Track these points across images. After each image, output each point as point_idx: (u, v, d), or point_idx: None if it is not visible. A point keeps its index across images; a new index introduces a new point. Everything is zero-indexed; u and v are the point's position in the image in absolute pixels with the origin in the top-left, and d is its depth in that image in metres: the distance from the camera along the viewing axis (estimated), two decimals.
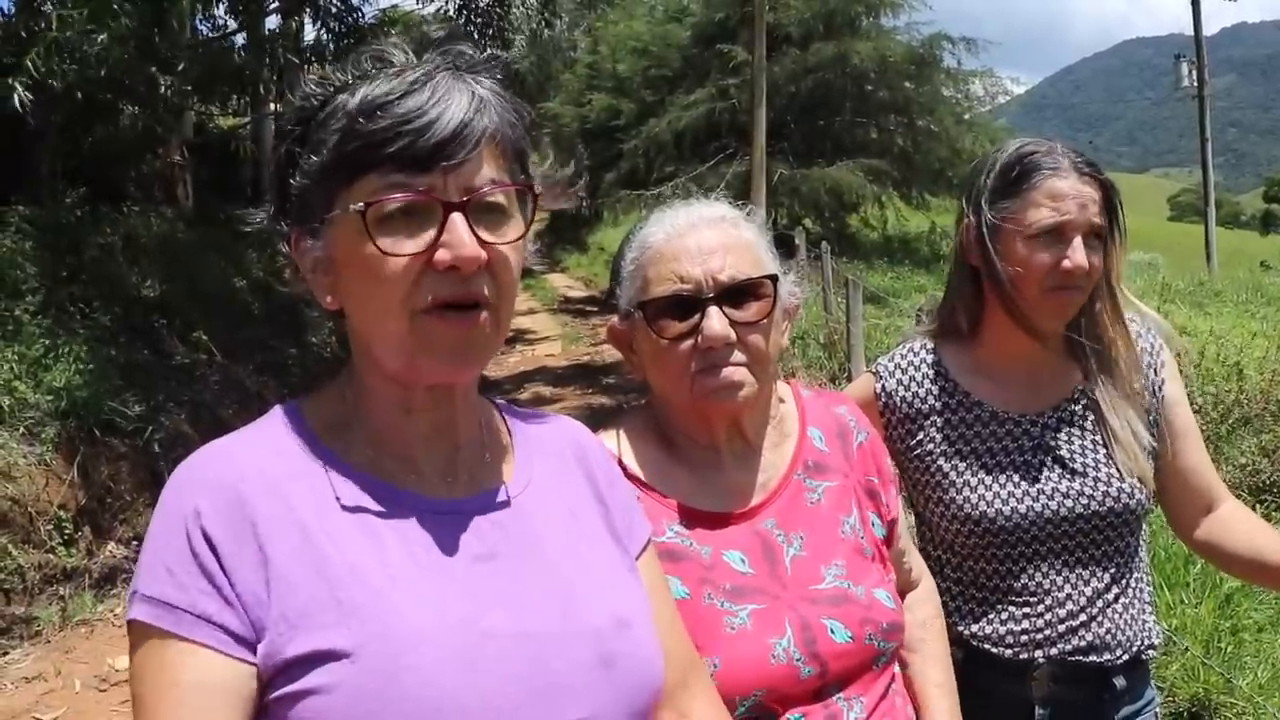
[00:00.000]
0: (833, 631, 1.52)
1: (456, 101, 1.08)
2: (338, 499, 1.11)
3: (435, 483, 1.18)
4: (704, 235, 1.57)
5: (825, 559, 1.59)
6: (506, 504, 1.21)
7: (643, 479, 1.61)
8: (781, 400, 1.73)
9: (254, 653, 1.03)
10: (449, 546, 1.13)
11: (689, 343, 1.54)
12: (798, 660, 1.49)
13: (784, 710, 1.48)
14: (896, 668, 1.66)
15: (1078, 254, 1.81)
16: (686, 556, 1.55)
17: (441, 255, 1.06)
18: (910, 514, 2.05)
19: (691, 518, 1.59)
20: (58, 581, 6.29)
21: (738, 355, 1.54)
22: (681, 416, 1.64)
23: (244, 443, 1.15)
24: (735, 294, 1.54)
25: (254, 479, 1.09)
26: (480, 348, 1.12)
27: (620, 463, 1.59)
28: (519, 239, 1.13)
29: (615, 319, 1.66)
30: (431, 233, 1.07)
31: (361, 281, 1.10)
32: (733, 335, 1.53)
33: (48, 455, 6.65)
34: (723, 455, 1.63)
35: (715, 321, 1.52)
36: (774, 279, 1.59)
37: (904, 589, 1.79)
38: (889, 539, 1.72)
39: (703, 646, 1.43)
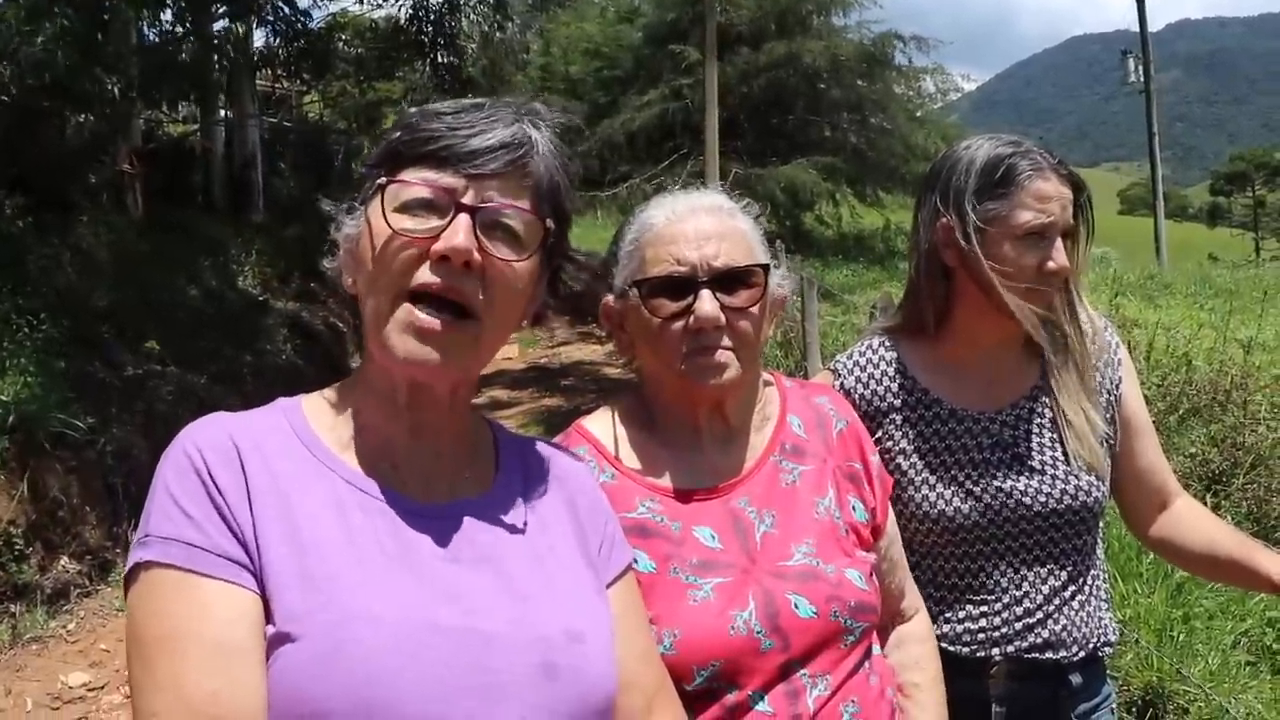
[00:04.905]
0: (796, 606, 1.53)
1: (504, 129, 1.20)
2: (318, 482, 1.18)
3: (415, 486, 1.24)
4: (702, 221, 1.62)
5: (796, 537, 1.61)
6: (479, 515, 1.25)
7: (622, 458, 1.65)
8: (767, 384, 1.77)
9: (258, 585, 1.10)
10: (415, 542, 1.18)
11: (680, 323, 1.58)
12: (759, 632, 1.50)
13: (746, 684, 1.49)
14: (877, 650, 1.67)
15: (1060, 255, 1.83)
16: (656, 532, 1.57)
17: (438, 245, 1.15)
18: None
19: (664, 493, 1.62)
20: (8, 599, 6.19)
21: (726, 339, 1.58)
22: (667, 395, 1.68)
23: (242, 418, 1.22)
24: (728, 280, 1.59)
25: (249, 446, 1.17)
26: (453, 353, 1.17)
27: (601, 444, 1.66)
28: (521, 262, 1.21)
29: (610, 297, 1.70)
30: (440, 224, 1.16)
31: (367, 254, 1.19)
32: (722, 319, 1.57)
33: None
34: (703, 436, 1.67)
35: (707, 304, 1.56)
36: (765, 268, 1.63)
37: (891, 615, 1.79)
38: (874, 529, 1.72)
39: (664, 618, 1.46)
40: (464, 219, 1.16)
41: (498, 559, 1.22)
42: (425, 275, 1.15)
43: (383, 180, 1.19)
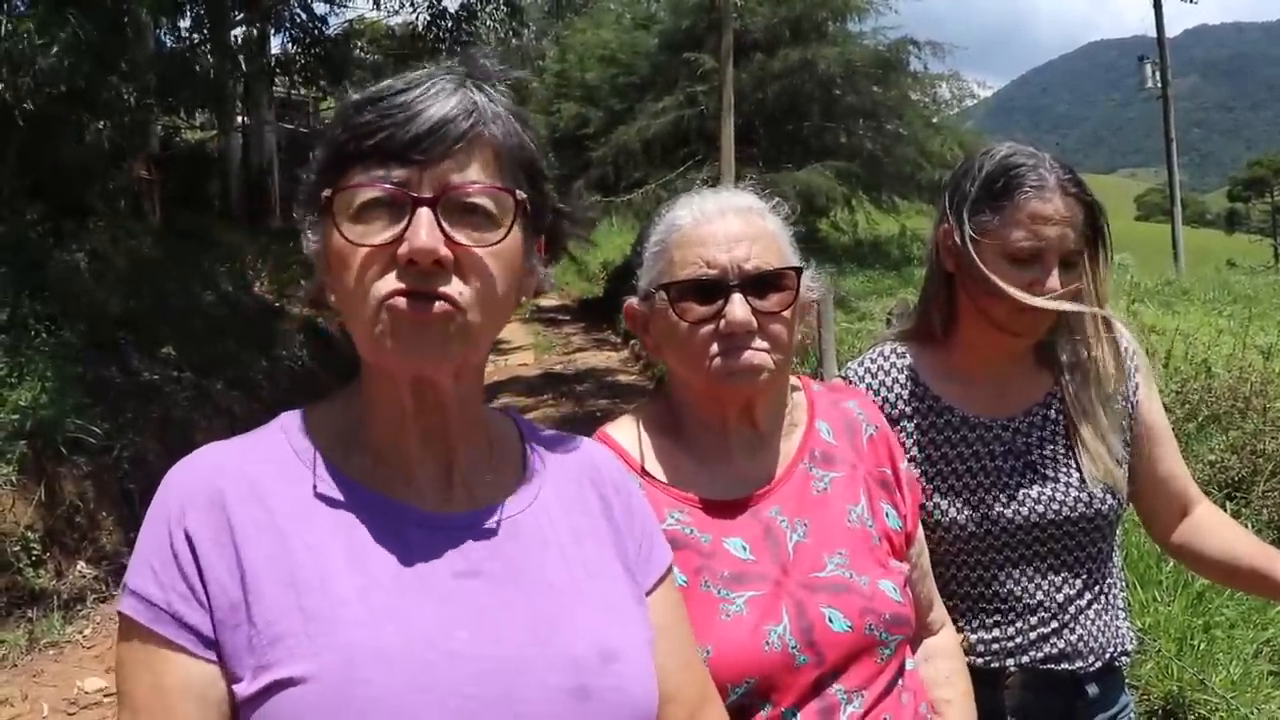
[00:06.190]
0: (831, 620, 1.50)
1: (445, 101, 1.08)
2: (322, 507, 1.11)
3: (430, 496, 1.16)
4: (731, 223, 1.58)
5: (829, 547, 1.58)
6: (503, 523, 1.18)
7: (647, 468, 1.61)
8: (794, 389, 1.74)
9: (219, 654, 1.05)
10: (432, 560, 1.11)
11: (710, 327, 1.55)
12: (793, 648, 1.48)
13: (780, 700, 1.46)
14: (910, 665, 1.64)
15: (1053, 280, 1.77)
16: (685, 544, 1.54)
17: (402, 249, 1.05)
18: None
19: (693, 504, 1.59)
20: (25, 604, 6.22)
21: (759, 342, 1.55)
22: (694, 398, 1.64)
23: (237, 449, 1.16)
24: (759, 283, 1.56)
25: (238, 484, 1.10)
26: (445, 340, 1.07)
27: (627, 453, 1.61)
28: (498, 243, 1.10)
29: (634, 300, 1.67)
30: (401, 227, 1.06)
31: (336, 271, 1.11)
32: (754, 323, 1.54)
33: (13, 475, 6.56)
34: (731, 442, 1.64)
35: (738, 308, 1.53)
36: (798, 271, 1.60)
37: (920, 625, 1.74)
38: (906, 537, 1.69)
39: (696, 634, 1.41)
40: (424, 214, 1.05)
41: (525, 572, 1.15)
42: (393, 282, 1.06)
43: (328, 193, 1.09)
